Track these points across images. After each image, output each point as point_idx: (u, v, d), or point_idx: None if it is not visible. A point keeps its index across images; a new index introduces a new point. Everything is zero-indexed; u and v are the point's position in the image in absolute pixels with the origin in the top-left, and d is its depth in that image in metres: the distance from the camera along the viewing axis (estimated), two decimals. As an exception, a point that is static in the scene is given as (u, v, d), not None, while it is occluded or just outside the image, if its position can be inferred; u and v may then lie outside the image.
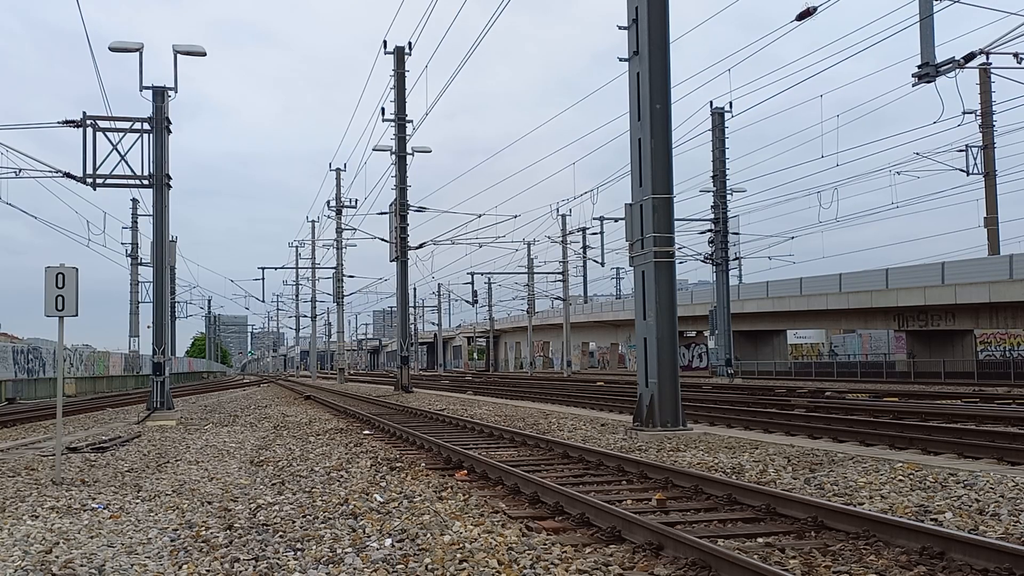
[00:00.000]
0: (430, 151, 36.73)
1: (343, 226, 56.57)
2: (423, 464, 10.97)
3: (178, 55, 22.93)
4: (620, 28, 16.24)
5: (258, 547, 6.37)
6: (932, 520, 6.76)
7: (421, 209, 36.77)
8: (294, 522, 7.29)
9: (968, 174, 40.61)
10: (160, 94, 23.02)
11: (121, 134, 22.84)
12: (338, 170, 55.14)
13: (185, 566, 5.91)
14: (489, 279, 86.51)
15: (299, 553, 6.18)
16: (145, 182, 23.17)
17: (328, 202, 56.56)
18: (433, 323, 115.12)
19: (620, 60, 16.50)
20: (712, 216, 44.14)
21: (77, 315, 10.61)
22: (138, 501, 8.71)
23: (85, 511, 8.17)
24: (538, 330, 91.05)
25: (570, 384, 40.21)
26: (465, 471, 10.20)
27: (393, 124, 35.32)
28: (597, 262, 60.54)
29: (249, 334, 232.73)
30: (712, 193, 43.97)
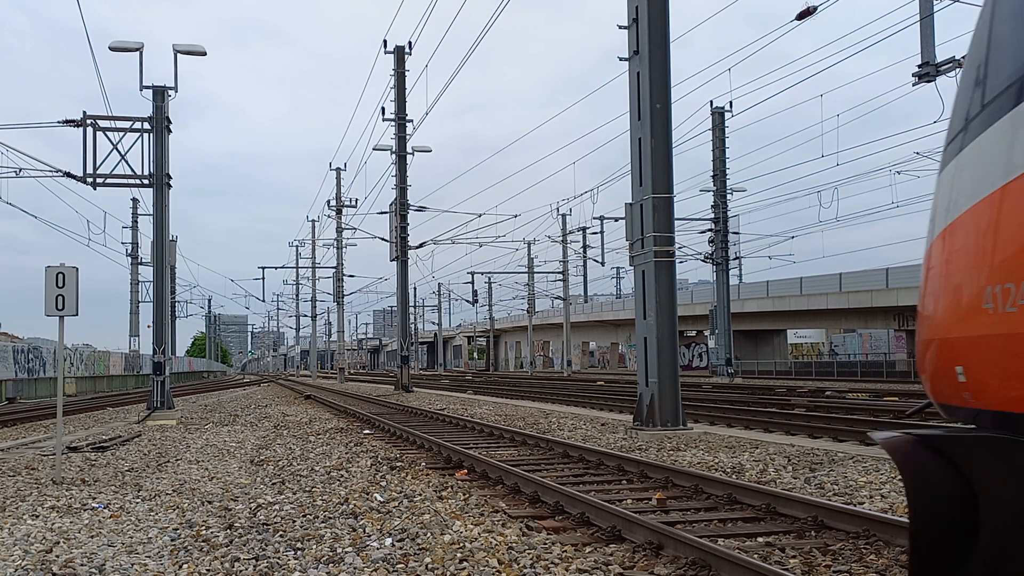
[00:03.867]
0: (430, 151, 36.74)
1: (343, 226, 56.61)
2: (423, 464, 10.98)
3: (178, 55, 22.94)
4: (620, 28, 16.24)
5: (258, 546, 6.37)
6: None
7: (421, 209, 36.80)
8: (294, 521, 7.29)
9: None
10: (160, 94, 23.00)
11: (121, 134, 22.84)
12: (338, 169, 55.18)
13: (185, 565, 5.91)
14: (489, 279, 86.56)
15: (299, 552, 6.18)
16: (145, 182, 23.16)
17: (328, 201, 56.62)
18: (433, 323, 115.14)
19: (620, 60, 16.51)
20: (712, 216, 44.14)
21: (77, 315, 10.61)
22: (138, 500, 8.71)
23: (85, 510, 8.17)
24: (538, 330, 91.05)
25: (570, 384, 40.21)
26: (465, 471, 10.20)
27: (393, 124, 35.33)
28: (597, 261, 60.66)
29: (249, 334, 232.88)
30: (712, 192, 43.98)
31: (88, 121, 22.52)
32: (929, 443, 2.85)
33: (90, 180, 22.64)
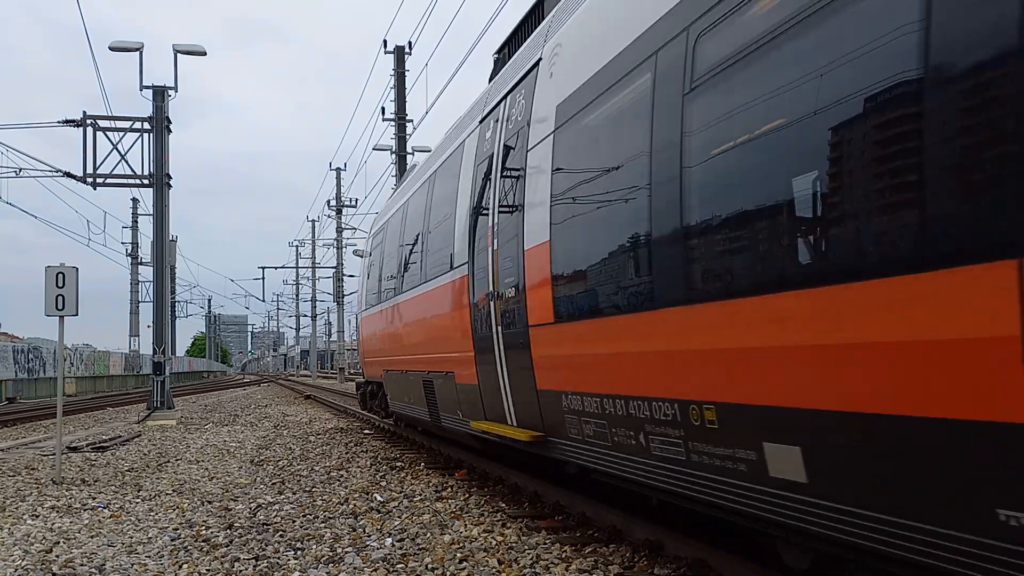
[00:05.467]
0: (430, 151, 36.66)
1: (343, 225, 56.60)
2: (423, 464, 10.98)
3: (178, 55, 22.94)
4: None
5: (258, 546, 6.38)
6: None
7: (421, 209, 36.73)
8: (294, 521, 7.30)
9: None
10: (160, 94, 22.99)
11: (121, 134, 22.85)
12: (338, 169, 55.11)
13: (185, 565, 5.91)
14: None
15: (299, 552, 6.18)
16: (145, 182, 23.16)
17: (328, 201, 56.58)
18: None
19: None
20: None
21: (77, 315, 10.62)
22: (138, 500, 8.72)
23: (85, 510, 8.18)
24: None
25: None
26: (465, 471, 10.21)
27: (393, 124, 35.31)
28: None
29: (249, 333, 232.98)
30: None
31: (88, 121, 22.52)
32: (365, 383, 15.79)
33: (90, 180, 22.65)
